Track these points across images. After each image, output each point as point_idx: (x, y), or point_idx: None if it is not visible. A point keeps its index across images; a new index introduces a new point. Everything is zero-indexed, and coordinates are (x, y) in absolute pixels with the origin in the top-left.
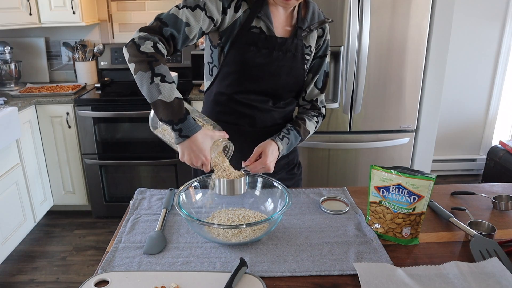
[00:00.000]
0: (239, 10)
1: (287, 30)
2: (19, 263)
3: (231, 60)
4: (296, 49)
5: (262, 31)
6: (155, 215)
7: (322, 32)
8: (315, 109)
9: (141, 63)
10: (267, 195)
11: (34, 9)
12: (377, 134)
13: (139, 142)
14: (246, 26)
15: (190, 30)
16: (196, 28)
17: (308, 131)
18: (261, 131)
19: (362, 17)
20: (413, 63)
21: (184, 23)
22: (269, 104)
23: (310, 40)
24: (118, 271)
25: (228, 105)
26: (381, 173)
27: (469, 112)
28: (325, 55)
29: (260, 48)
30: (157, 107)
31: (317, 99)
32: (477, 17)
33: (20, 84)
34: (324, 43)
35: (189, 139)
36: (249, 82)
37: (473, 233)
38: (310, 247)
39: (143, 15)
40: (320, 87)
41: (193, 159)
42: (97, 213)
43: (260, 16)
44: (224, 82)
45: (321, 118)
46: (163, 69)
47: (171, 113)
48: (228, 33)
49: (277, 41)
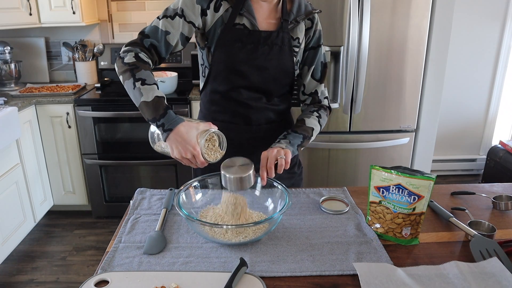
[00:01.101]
0: (220, 9)
1: (272, 23)
2: (19, 263)
3: (218, 59)
4: (283, 42)
5: (245, 27)
6: (155, 215)
7: (311, 23)
8: (315, 102)
9: (125, 73)
10: (267, 195)
11: (34, 9)
12: (377, 134)
13: (139, 142)
14: (229, 24)
15: (170, 38)
16: (176, 35)
17: (311, 128)
18: (256, 129)
19: (362, 17)
20: (413, 63)
21: (164, 31)
22: (262, 102)
23: (297, 32)
24: (118, 271)
25: (222, 104)
26: (381, 173)
27: (469, 112)
28: (318, 45)
29: (245, 44)
30: (142, 109)
31: (316, 90)
32: (477, 17)
33: (20, 84)
34: (314, 34)
35: (173, 132)
36: (238, 79)
37: (473, 233)
38: (310, 247)
39: (143, 15)
40: (319, 78)
41: (182, 152)
42: (97, 213)
43: (242, 13)
44: (215, 81)
45: (323, 111)
46: (143, 74)
47: (152, 110)
48: (212, 33)
49: (261, 35)
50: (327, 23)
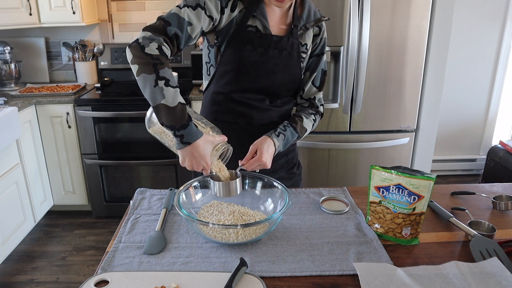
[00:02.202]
0: (235, 9)
1: (283, 29)
2: (19, 263)
3: (227, 59)
4: (292, 47)
5: (258, 29)
6: (155, 215)
7: (319, 30)
8: (313, 107)
9: (146, 65)
10: (267, 195)
11: (34, 9)
12: (377, 134)
13: (139, 142)
14: (242, 25)
15: (192, 29)
16: (198, 27)
17: (305, 129)
18: (258, 130)
19: (362, 17)
20: (413, 63)
21: (187, 22)
22: (266, 103)
23: (306, 38)
24: (118, 271)
25: (226, 104)
26: (381, 173)
27: (469, 112)
28: (322, 53)
29: (256, 47)
30: (159, 110)
31: (315, 97)
32: (477, 17)
33: (20, 84)
34: (321, 42)
35: (190, 146)
36: (245, 81)
37: (473, 233)
38: (310, 247)
39: (143, 15)
40: (318, 86)
41: (194, 165)
42: (97, 213)
43: (255, 15)
44: (221, 81)
45: (318, 117)
46: (167, 73)
47: (173, 118)
48: (224, 32)
49: (272, 39)
50: (327, 23)
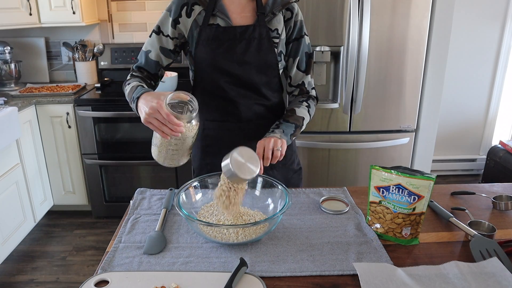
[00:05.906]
0: (191, 14)
1: (249, 17)
2: (19, 263)
3: (199, 58)
4: (261, 35)
5: (219, 26)
6: (155, 215)
7: (291, 13)
8: (303, 93)
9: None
10: (267, 195)
11: (34, 9)
12: (377, 134)
13: (139, 142)
14: (204, 25)
15: (154, 55)
16: (156, 51)
17: (302, 117)
18: (247, 126)
19: (362, 17)
20: (413, 63)
21: (145, 52)
22: (251, 98)
23: (275, 23)
24: (118, 271)
25: (211, 103)
26: (381, 173)
27: (469, 112)
28: (301, 36)
29: (222, 41)
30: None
31: (303, 82)
32: (477, 17)
33: (20, 84)
34: (296, 25)
35: (141, 97)
36: (221, 75)
37: (473, 233)
38: (310, 247)
39: (143, 15)
40: (304, 69)
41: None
42: (97, 213)
43: (215, 13)
44: (202, 82)
45: (312, 101)
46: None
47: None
48: (191, 37)
49: (237, 31)
50: (327, 23)
